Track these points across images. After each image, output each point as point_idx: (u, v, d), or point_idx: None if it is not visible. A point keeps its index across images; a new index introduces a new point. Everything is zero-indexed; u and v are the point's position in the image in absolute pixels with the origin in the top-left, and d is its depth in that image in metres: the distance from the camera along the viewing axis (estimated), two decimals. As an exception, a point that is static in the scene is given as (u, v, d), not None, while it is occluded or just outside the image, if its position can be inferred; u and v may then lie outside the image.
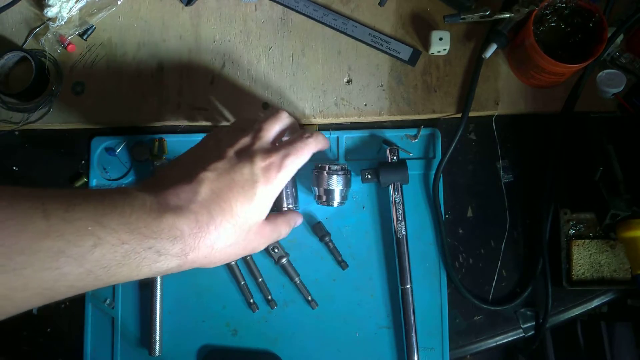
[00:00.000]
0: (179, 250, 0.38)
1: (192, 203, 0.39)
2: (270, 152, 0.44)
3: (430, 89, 0.60)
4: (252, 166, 0.42)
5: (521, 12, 0.55)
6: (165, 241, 0.37)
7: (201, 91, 0.61)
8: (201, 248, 0.39)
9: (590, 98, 0.57)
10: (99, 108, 0.61)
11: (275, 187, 0.44)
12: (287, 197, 0.56)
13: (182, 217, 0.38)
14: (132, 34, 0.62)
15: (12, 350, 0.60)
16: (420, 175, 0.59)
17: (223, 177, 0.41)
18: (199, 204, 0.39)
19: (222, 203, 0.40)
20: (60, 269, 0.33)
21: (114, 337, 0.58)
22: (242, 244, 0.43)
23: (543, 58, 0.51)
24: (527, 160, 0.59)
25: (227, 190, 0.41)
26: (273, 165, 0.43)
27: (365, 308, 0.58)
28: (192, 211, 0.39)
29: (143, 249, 0.36)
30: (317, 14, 0.61)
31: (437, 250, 0.58)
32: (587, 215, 0.56)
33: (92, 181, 0.61)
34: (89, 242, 0.34)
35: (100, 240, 0.34)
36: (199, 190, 0.40)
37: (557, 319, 0.58)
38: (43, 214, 0.33)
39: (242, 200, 0.41)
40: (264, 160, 0.43)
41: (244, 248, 0.44)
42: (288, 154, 0.45)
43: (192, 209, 0.39)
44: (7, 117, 0.61)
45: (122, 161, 0.60)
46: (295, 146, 0.46)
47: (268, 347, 0.58)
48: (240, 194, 0.41)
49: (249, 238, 0.43)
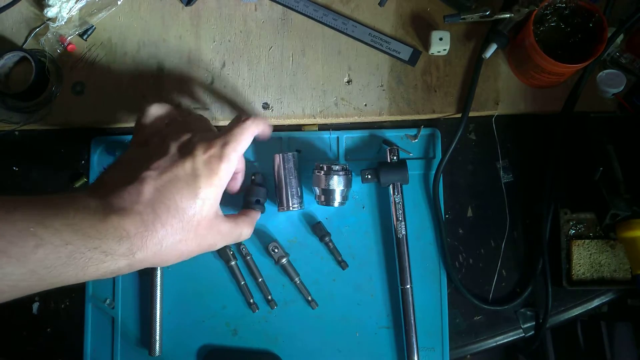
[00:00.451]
0: (126, 250, 0.38)
1: (137, 203, 0.39)
2: (210, 143, 0.44)
3: (430, 89, 0.60)
4: (193, 160, 0.42)
5: (521, 12, 0.55)
6: (111, 242, 0.37)
7: (201, 91, 0.61)
8: (149, 247, 0.39)
9: (590, 98, 0.57)
10: (99, 108, 0.61)
11: (220, 177, 0.43)
12: (292, 197, 0.56)
13: (126, 218, 0.38)
14: (132, 34, 0.62)
15: (12, 350, 0.60)
16: (420, 175, 0.59)
17: (165, 174, 0.41)
18: (143, 204, 0.39)
19: (166, 200, 0.40)
20: (2, 268, 0.33)
21: (114, 337, 0.58)
22: (194, 240, 0.43)
23: (543, 58, 0.51)
24: (527, 160, 0.59)
25: (171, 186, 0.41)
26: (214, 156, 0.43)
27: (365, 308, 0.58)
28: (136, 211, 0.39)
29: (88, 249, 0.36)
30: (317, 14, 0.61)
31: (437, 250, 0.58)
32: (587, 215, 0.56)
33: (92, 181, 0.61)
34: (31, 242, 0.34)
35: (42, 240, 0.34)
36: (142, 190, 0.40)
37: (557, 319, 0.58)
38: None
39: (186, 196, 0.41)
40: (205, 152, 0.43)
41: (198, 244, 0.43)
42: (227, 142, 0.45)
43: (137, 210, 0.39)
44: (7, 117, 0.61)
45: (122, 161, 0.60)
46: (233, 133, 0.46)
47: (268, 347, 0.58)
48: (184, 189, 0.41)
49: (200, 234, 0.43)
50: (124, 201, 0.39)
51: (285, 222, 0.59)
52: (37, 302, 0.60)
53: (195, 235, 0.42)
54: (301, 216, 0.59)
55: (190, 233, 0.42)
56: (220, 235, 0.46)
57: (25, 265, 0.34)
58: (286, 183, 0.56)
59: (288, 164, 0.55)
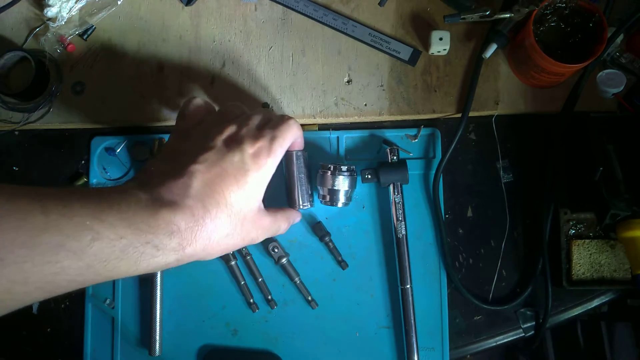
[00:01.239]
0: (177, 244, 0.38)
1: (186, 197, 0.39)
2: (257, 137, 0.44)
3: (430, 89, 0.60)
4: (241, 154, 0.43)
5: (521, 12, 0.55)
6: (162, 236, 0.37)
7: (201, 91, 0.61)
8: (198, 241, 0.39)
9: (590, 98, 0.57)
10: (99, 108, 0.61)
11: (266, 172, 0.44)
12: (303, 196, 0.55)
13: (178, 213, 0.38)
14: (132, 34, 0.62)
15: (12, 350, 0.60)
16: (420, 175, 0.59)
17: (214, 167, 0.41)
18: (193, 198, 0.39)
19: (215, 195, 0.40)
20: (60, 262, 0.33)
21: (114, 337, 0.58)
22: (240, 234, 0.43)
23: (543, 58, 0.51)
24: (527, 160, 0.59)
25: (219, 180, 0.41)
26: (262, 149, 0.44)
27: (365, 308, 0.58)
28: (187, 205, 0.39)
29: (141, 243, 0.36)
30: (317, 14, 0.61)
31: (437, 250, 0.58)
32: (587, 215, 0.56)
33: (92, 181, 0.61)
34: (88, 236, 0.34)
35: (98, 234, 0.34)
36: (191, 184, 0.40)
37: (557, 319, 0.58)
38: (42, 209, 0.33)
39: (234, 190, 0.41)
40: (253, 146, 0.43)
41: (242, 238, 0.44)
42: (274, 137, 0.45)
43: (187, 204, 0.39)
44: (7, 117, 0.61)
45: (122, 161, 0.60)
46: (280, 129, 0.46)
47: (268, 347, 0.58)
48: (233, 183, 0.41)
49: (246, 228, 0.43)
50: (174, 195, 0.39)
51: (285, 222, 0.59)
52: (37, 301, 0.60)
53: (241, 229, 0.43)
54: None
55: (237, 227, 0.42)
56: (262, 229, 0.46)
57: (82, 259, 0.34)
58: (297, 181, 0.55)
59: (299, 161, 0.55)
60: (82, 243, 0.34)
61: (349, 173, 0.55)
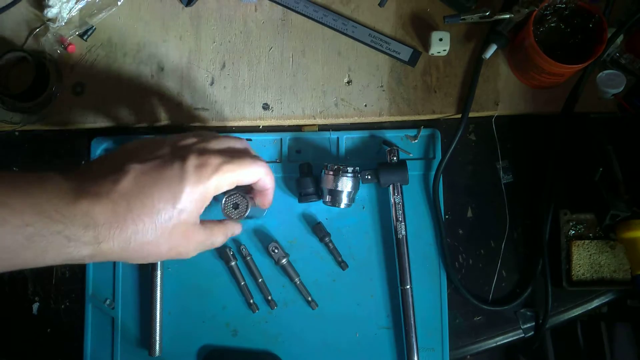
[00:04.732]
0: (92, 238, 0.36)
1: (112, 192, 0.37)
2: (210, 153, 0.41)
3: (430, 89, 0.60)
4: (183, 162, 0.40)
5: (521, 12, 0.55)
6: (76, 227, 0.35)
7: (201, 92, 0.61)
8: (116, 240, 0.37)
9: (590, 98, 0.57)
10: (99, 108, 0.61)
11: (206, 188, 0.40)
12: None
13: (97, 205, 0.36)
14: (132, 34, 0.62)
15: (12, 351, 0.60)
16: (420, 175, 0.59)
17: (151, 171, 0.39)
18: (118, 194, 0.37)
19: (143, 197, 0.38)
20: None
21: (114, 337, 0.58)
22: (165, 245, 0.40)
23: (543, 59, 0.51)
24: (527, 160, 0.59)
25: (152, 184, 0.38)
26: (208, 165, 0.40)
27: (365, 308, 0.58)
28: (110, 200, 0.37)
29: (50, 233, 0.34)
30: (317, 15, 0.61)
31: (437, 251, 0.58)
32: (587, 216, 0.56)
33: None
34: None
35: (2, 220, 0.33)
36: (120, 180, 0.38)
37: (557, 320, 0.58)
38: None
39: (166, 198, 0.39)
40: (199, 158, 0.40)
41: (168, 250, 0.41)
42: (230, 161, 0.42)
43: (111, 198, 0.37)
44: (7, 117, 0.61)
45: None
46: (243, 158, 0.43)
47: (268, 347, 0.58)
48: (165, 190, 0.39)
49: (174, 240, 0.40)
50: (100, 187, 0.37)
51: (286, 223, 0.59)
52: (37, 302, 0.60)
53: (167, 240, 0.40)
54: (301, 216, 0.59)
55: (163, 237, 0.39)
56: (194, 244, 0.43)
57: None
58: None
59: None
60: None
61: (352, 175, 0.55)
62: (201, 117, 0.60)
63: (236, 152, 0.44)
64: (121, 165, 0.39)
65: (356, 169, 0.55)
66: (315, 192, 0.57)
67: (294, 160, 0.60)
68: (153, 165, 0.39)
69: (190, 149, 0.41)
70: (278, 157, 0.60)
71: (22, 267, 0.36)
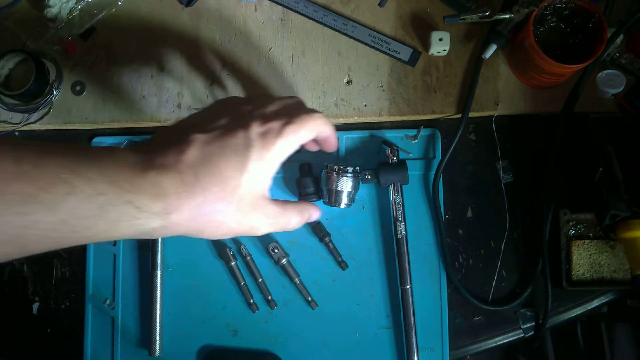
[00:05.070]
0: (160, 208, 0.36)
1: (179, 163, 0.37)
2: (270, 118, 0.41)
3: (430, 89, 0.60)
4: (247, 130, 0.39)
5: (521, 12, 0.55)
6: (145, 197, 0.35)
7: (201, 92, 0.61)
8: (185, 209, 0.37)
9: (590, 98, 0.57)
10: (99, 108, 0.61)
11: (273, 154, 0.40)
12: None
13: (166, 176, 0.36)
14: (132, 34, 0.62)
15: (12, 350, 0.60)
16: (420, 175, 0.59)
17: (215, 140, 0.39)
18: (186, 165, 0.37)
19: (211, 166, 0.38)
20: (31, 215, 0.31)
21: (114, 337, 0.58)
22: (235, 215, 0.39)
23: (543, 58, 0.51)
24: (527, 160, 0.59)
25: (218, 153, 0.38)
26: (271, 130, 0.40)
27: (365, 308, 0.58)
28: (177, 171, 0.37)
29: (121, 202, 0.34)
30: (317, 15, 0.61)
31: (437, 251, 0.58)
32: (587, 216, 0.56)
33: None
34: (62, 189, 0.32)
35: (74, 188, 0.33)
36: (186, 151, 0.38)
37: (557, 320, 0.58)
38: (14, 159, 0.32)
39: (233, 166, 0.38)
40: (262, 125, 0.40)
41: (239, 222, 0.40)
42: (290, 121, 0.41)
43: (178, 169, 0.37)
44: (7, 118, 0.61)
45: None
46: (300, 116, 0.42)
47: (268, 347, 0.58)
48: (232, 158, 0.38)
49: (243, 210, 0.40)
50: (166, 159, 0.37)
51: (285, 223, 0.59)
52: (37, 302, 0.60)
53: (237, 209, 0.39)
54: (301, 216, 0.59)
55: (232, 205, 0.39)
56: (265, 217, 0.42)
57: (55, 213, 0.32)
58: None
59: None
60: (56, 196, 0.32)
61: (353, 175, 0.55)
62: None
63: (294, 110, 0.43)
64: (185, 135, 0.39)
65: (356, 169, 0.55)
66: (315, 192, 0.57)
67: (294, 160, 0.60)
68: (216, 134, 0.39)
69: (251, 116, 0.41)
70: (278, 157, 0.60)
71: (97, 240, 0.36)
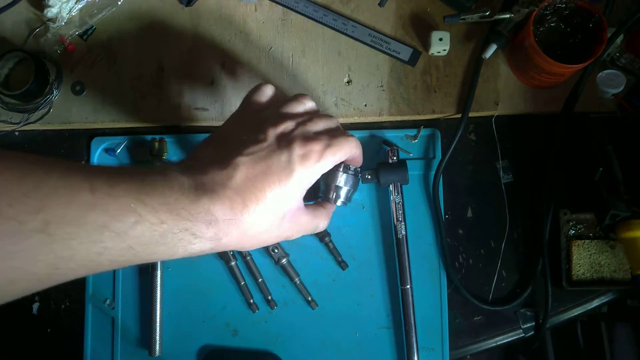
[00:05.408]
0: (213, 234, 0.38)
1: (227, 189, 0.39)
2: (311, 140, 0.43)
3: (430, 89, 0.60)
4: (290, 153, 0.42)
5: (521, 12, 0.55)
6: (200, 224, 0.38)
7: (201, 91, 0.61)
8: (234, 234, 0.40)
9: (590, 98, 0.57)
10: (99, 108, 0.61)
11: (311, 175, 0.43)
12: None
13: (217, 203, 0.38)
14: (132, 34, 0.62)
15: (12, 350, 0.60)
16: (420, 175, 0.59)
17: (259, 163, 0.41)
18: (234, 190, 0.39)
19: (256, 191, 0.40)
20: (104, 243, 0.33)
21: (114, 337, 0.58)
22: (276, 231, 0.43)
23: (543, 58, 0.51)
24: (527, 160, 0.59)
25: (262, 176, 0.41)
26: (312, 152, 0.42)
27: (365, 308, 0.58)
28: (226, 196, 0.39)
29: (180, 230, 0.37)
30: (317, 15, 0.61)
31: (437, 251, 0.58)
32: (587, 216, 0.56)
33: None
34: (131, 218, 0.34)
35: (141, 217, 0.35)
36: (233, 176, 0.40)
37: (557, 320, 0.58)
38: (90, 188, 0.33)
39: (276, 188, 0.41)
40: (303, 147, 0.42)
41: (277, 236, 0.44)
42: (330, 145, 0.44)
43: (226, 195, 0.39)
44: (7, 118, 0.61)
45: (122, 161, 0.60)
46: (339, 139, 0.44)
47: (268, 347, 0.58)
48: (275, 181, 0.41)
49: (283, 226, 0.43)
50: (215, 184, 0.39)
51: (285, 223, 0.59)
52: (37, 302, 0.60)
53: (278, 226, 0.43)
54: (301, 216, 0.59)
55: (274, 224, 0.42)
56: (299, 226, 0.45)
57: (124, 240, 0.34)
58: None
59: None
60: (126, 225, 0.34)
61: (354, 174, 0.53)
62: (201, 117, 0.60)
63: (332, 133, 0.46)
64: (229, 157, 0.41)
65: (357, 169, 0.55)
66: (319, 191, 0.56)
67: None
68: (260, 157, 0.41)
69: (294, 137, 0.43)
70: (278, 157, 0.60)
71: (154, 261, 0.38)
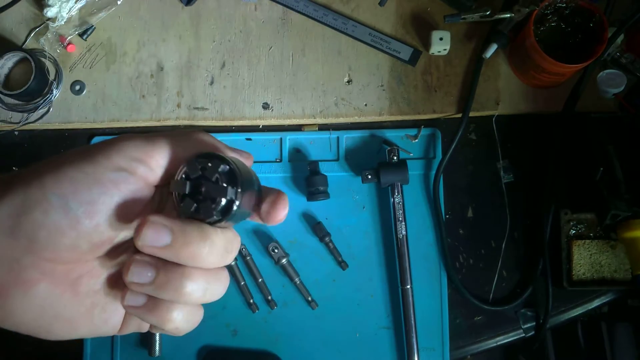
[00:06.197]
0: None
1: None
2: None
3: (431, 89, 0.59)
4: None
5: (522, 12, 0.55)
6: None
7: (201, 91, 0.60)
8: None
9: (591, 98, 0.57)
10: (99, 108, 0.61)
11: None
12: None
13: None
14: (132, 33, 0.62)
15: (12, 350, 0.60)
16: (420, 175, 0.59)
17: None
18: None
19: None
20: None
21: (114, 337, 0.58)
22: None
23: (543, 58, 0.51)
24: (527, 160, 0.59)
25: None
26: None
27: (366, 308, 0.58)
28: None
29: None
30: (317, 14, 0.61)
31: (438, 251, 0.58)
32: (588, 216, 0.56)
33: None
34: None
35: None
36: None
37: (558, 320, 0.58)
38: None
39: None
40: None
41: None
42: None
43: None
44: (7, 117, 0.61)
45: (122, 161, 0.60)
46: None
47: (268, 347, 0.58)
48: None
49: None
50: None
51: (285, 223, 0.59)
52: (37, 302, 0.60)
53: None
54: (301, 216, 0.59)
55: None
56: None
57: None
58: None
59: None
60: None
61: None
62: (201, 116, 0.60)
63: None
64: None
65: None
66: (324, 190, 0.57)
67: (293, 159, 0.60)
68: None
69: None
70: (278, 157, 0.60)
71: None
